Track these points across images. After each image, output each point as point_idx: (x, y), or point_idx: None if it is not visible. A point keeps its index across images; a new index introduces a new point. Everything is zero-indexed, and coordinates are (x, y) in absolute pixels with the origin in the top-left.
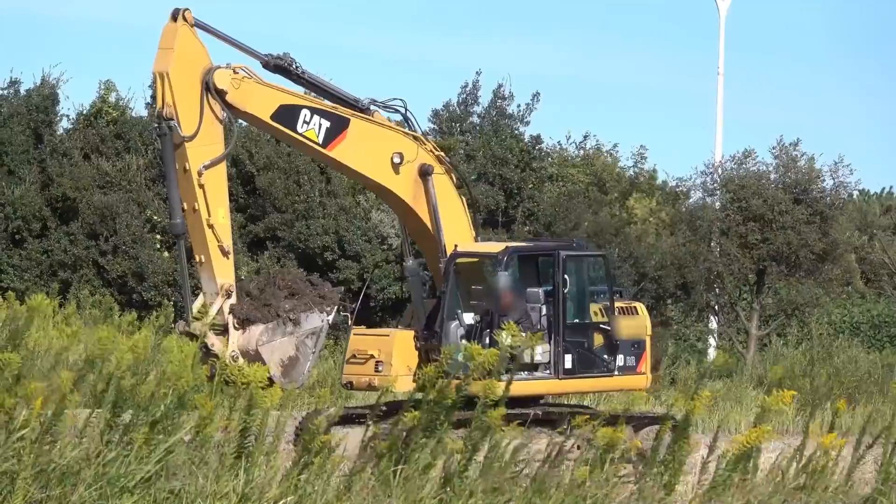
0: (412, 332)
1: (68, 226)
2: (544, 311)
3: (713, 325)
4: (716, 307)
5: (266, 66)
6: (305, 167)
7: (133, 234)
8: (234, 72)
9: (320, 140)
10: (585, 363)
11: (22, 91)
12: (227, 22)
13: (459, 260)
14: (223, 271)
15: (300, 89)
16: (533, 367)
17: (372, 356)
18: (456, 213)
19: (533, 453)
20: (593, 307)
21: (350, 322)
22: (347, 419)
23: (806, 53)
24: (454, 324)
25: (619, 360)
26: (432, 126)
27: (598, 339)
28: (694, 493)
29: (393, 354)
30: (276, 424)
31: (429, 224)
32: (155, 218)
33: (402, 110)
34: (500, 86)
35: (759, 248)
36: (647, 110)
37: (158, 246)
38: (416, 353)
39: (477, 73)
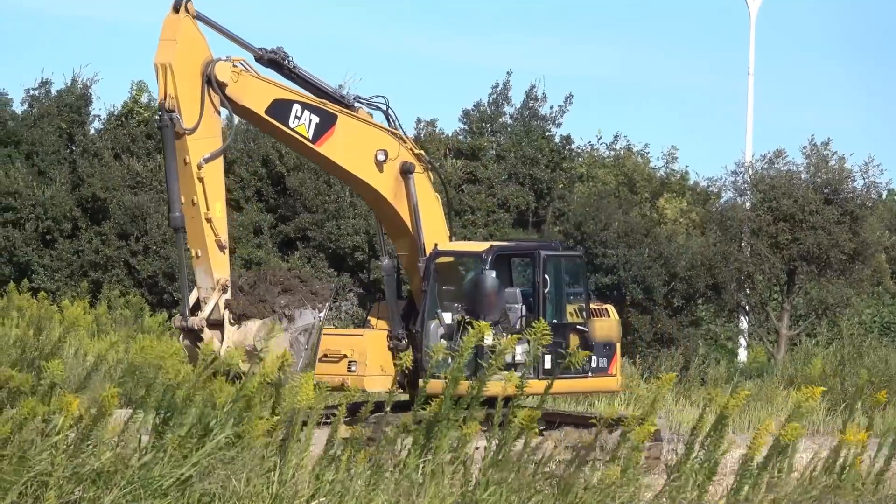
0: (385, 332)
1: (99, 226)
2: (523, 311)
3: (743, 325)
4: (746, 307)
5: (259, 59)
6: None
7: (164, 235)
8: (234, 65)
9: (310, 135)
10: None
11: (52, 91)
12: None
13: (439, 259)
14: (220, 266)
15: (284, 83)
16: (512, 366)
17: (345, 356)
18: (434, 212)
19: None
20: (568, 308)
21: (320, 321)
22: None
23: (836, 52)
24: (434, 323)
25: (593, 361)
26: (463, 126)
27: (574, 340)
28: (723, 493)
29: (366, 354)
30: (307, 423)
31: (408, 223)
32: None
33: (384, 108)
34: (532, 87)
35: (789, 248)
36: (678, 110)
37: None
38: (389, 352)
39: (508, 73)
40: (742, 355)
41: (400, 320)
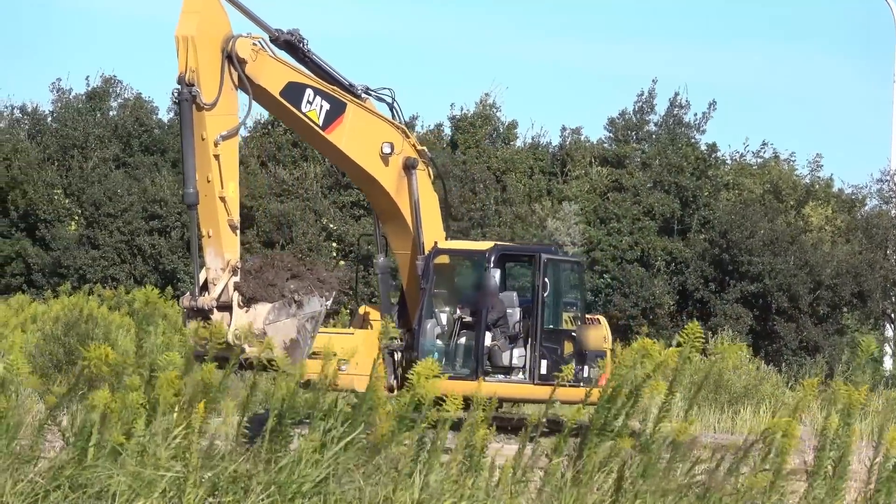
0: (376, 332)
1: (244, 234)
2: (517, 314)
3: (889, 332)
4: (892, 315)
5: (275, 41)
6: (480, 175)
7: (309, 242)
8: (253, 43)
9: (321, 122)
10: (558, 370)
11: None
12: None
13: (438, 257)
14: (231, 246)
15: (297, 67)
16: (508, 370)
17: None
18: (433, 210)
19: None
20: (563, 315)
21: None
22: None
23: None
24: (431, 322)
25: (585, 371)
26: (608, 134)
27: (569, 347)
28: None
29: (357, 354)
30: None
31: (408, 219)
32: (331, 226)
33: (390, 100)
34: (676, 94)
35: None
36: (822, 117)
37: (335, 254)
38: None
39: (653, 81)
40: (888, 363)
41: (392, 319)
